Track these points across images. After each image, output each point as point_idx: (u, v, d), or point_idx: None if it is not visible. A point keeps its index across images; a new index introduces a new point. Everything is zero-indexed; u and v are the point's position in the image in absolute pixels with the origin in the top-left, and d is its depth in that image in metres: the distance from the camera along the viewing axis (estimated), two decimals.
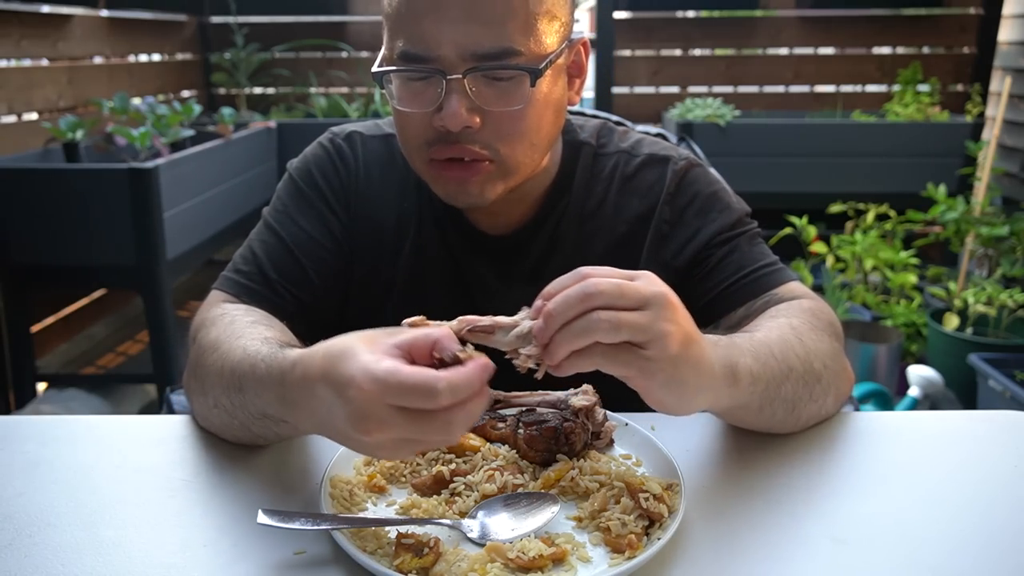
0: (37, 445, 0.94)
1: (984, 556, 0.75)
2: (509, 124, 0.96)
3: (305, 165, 1.15)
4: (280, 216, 1.11)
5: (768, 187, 3.84)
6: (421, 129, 0.97)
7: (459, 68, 0.92)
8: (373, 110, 4.23)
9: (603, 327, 0.69)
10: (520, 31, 0.92)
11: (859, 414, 1.02)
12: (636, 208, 1.12)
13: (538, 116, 0.98)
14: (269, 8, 4.57)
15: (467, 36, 0.91)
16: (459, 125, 0.93)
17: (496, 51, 0.92)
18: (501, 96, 0.94)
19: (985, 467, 0.92)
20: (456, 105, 0.92)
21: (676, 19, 4.59)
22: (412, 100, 0.96)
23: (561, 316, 0.70)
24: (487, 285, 1.12)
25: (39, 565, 0.73)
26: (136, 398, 3.05)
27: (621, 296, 0.71)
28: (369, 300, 1.13)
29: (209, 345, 0.92)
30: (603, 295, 0.70)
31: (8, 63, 2.93)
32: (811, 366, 0.92)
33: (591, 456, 0.88)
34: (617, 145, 1.16)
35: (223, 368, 0.87)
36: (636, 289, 0.72)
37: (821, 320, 1.00)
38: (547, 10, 0.94)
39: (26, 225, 2.61)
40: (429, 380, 0.64)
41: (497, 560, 0.71)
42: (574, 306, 0.70)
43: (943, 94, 4.30)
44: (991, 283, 3.21)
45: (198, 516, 0.82)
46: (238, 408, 0.86)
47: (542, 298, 0.74)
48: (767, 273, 1.07)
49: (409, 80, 0.95)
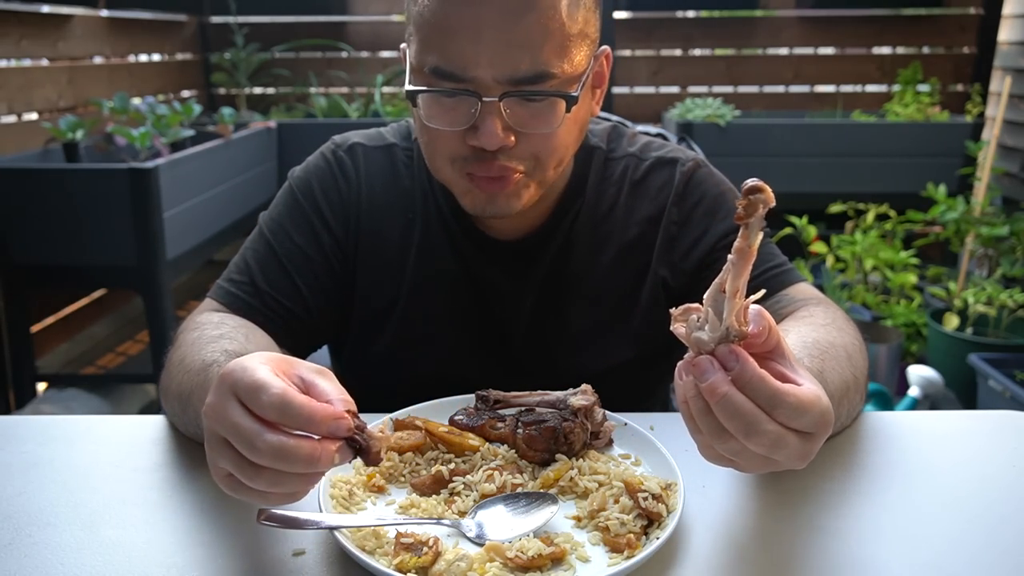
0: (37, 445, 0.94)
1: (984, 555, 0.75)
2: (541, 142, 0.96)
3: (306, 176, 1.14)
4: (275, 227, 1.11)
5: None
6: (453, 146, 0.96)
7: (495, 91, 0.91)
8: (373, 110, 4.23)
9: (765, 443, 0.64)
10: (555, 53, 0.92)
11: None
12: (646, 211, 1.12)
13: (568, 133, 0.98)
14: (269, 8, 4.57)
15: (504, 59, 0.90)
16: (496, 146, 0.93)
17: (532, 75, 0.91)
18: (535, 117, 0.94)
19: (985, 467, 0.92)
20: (493, 127, 0.92)
21: (676, 19, 4.59)
22: (443, 117, 0.95)
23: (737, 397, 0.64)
24: (499, 290, 1.12)
25: (39, 565, 0.73)
26: (136, 398, 3.06)
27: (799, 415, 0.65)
28: (372, 312, 1.13)
29: (175, 360, 0.95)
30: (786, 409, 0.64)
31: (8, 63, 2.93)
32: (858, 383, 0.93)
33: (590, 456, 0.88)
34: (626, 149, 1.16)
35: (181, 383, 0.91)
36: (806, 409, 0.65)
37: (846, 322, 1.00)
38: (580, 30, 0.94)
39: (26, 225, 2.61)
40: (254, 430, 0.62)
41: (496, 559, 0.71)
42: (752, 404, 0.64)
43: (943, 94, 4.30)
44: (991, 283, 3.21)
45: (198, 516, 0.82)
46: (190, 424, 0.91)
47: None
48: (776, 274, 1.08)
49: (441, 96, 0.94)
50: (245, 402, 0.64)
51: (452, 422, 0.93)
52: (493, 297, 1.12)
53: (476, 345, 1.13)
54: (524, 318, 1.12)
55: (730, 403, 0.64)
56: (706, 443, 0.68)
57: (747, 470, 0.71)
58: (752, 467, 0.69)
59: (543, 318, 1.12)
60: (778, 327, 0.97)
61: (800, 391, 0.65)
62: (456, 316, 1.13)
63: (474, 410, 0.94)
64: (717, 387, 0.64)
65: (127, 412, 2.93)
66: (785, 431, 0.64)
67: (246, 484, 0.65)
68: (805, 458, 0.67)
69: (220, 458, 0.65)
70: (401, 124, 1.20)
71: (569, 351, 1.12)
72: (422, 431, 0.90)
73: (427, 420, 0.92)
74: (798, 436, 0.65)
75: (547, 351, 1.12)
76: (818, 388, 0.67)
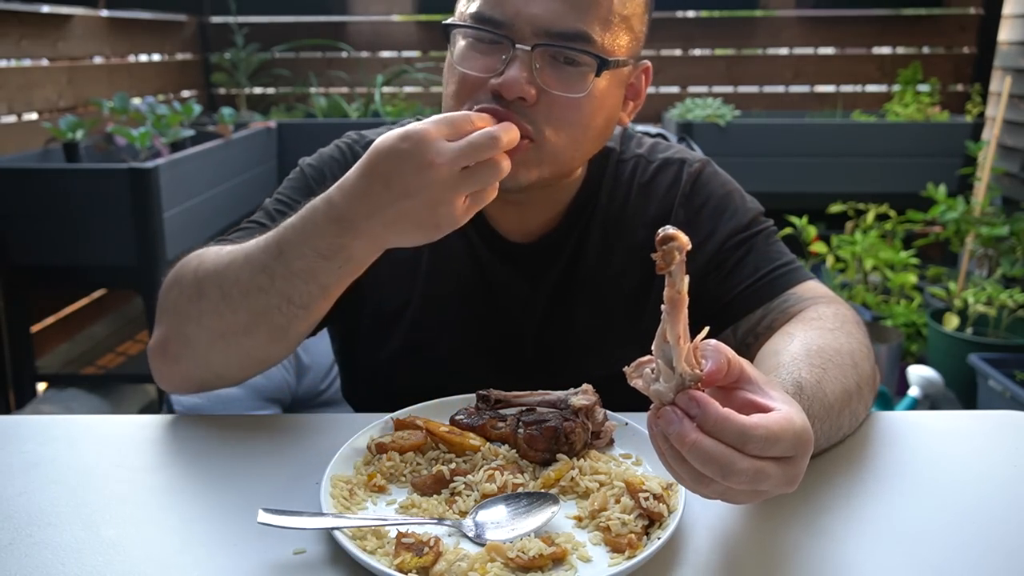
0: (37, 445, 0.94)
1: (984, 555, 0.75)
2: (561, 109, 0.94)
3: (320, 163, 1.13)
4: (280, 206, 1.09)
5: (768, 187, 3.79)
6: (473, 90, 0.95)
7: (530, 40, 0.92)
8: (373, 110, 4.23)
9: (744, 480, 0.64)
10: (598, 23, 0.93)
11: None
12: (653, 212, 1.12)
13: (591, 112, 0.97)
14: (269, 8, 4.57)
15: (547, 11, 0.91)
16: (515, 93, 0.92)
17: (571, 32, 0.92)
18: (562, 80, 0.93)
19: (985, 467, 0.92)
20: (517, 72, 0.91)
21: (676, 19, 4.59)
22: (474, 61, 0.95)
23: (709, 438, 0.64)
24: (512, 293, 1.11)
25: (39, 565, 0.73)
26: (136, 398, 3.05)
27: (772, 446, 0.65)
28: (383, 315, 1.12)
29: (221, 258, 0.94)
30: (757, 442, 0.64)
31: (8, 63, 2.93)
32: (861, 391, 0.92)
33: (591, 456, 0.88)
34: (634, 150, 1.16)
35: (249, 255, 0.91)
36: (781, 438, 0.65)
37: (855, 325, 1.00)
38: (627, 16, 0.95)
39: (26, 225, 2.60)
40: (483, 134, 0.83)
41: (497, 559, 0.71)
42: (727, 437, 0.64)
43: (943, 94, 4.30)
44: (991, 283, 3.21)
45: (198, 516, 0.82)
46: (277, 280, 0.89)
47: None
48: (784, 273, 1.07)
49: (476, 41, 0.95)
50: (450, 134, 0.83)
51: (453, 422, 0.93)
52: (505, 300, 1.11)
53: (487, 348, 1.12)
54: (536, 321, 1.12)
55: (700, 449, 0.63)
56: (691, 488, 0.68)
57: (738, 503, 0.71)
58: (741, 501, 0.69)
59: (554, 321, 1.11)
60: (785, 331, 0.97)
61: (769, 420, 0.65)
62: (468, 319, 1.12)
63: (475, 410, 0.94)
64: (685, 436, 0.64)
65: (127, 412, 2.93)
66: (762, 463, 0.64)
67: (492, 180, 0.85)
68: (792, 482, 0.67)
69: (466, 185, 0.84)
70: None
71: (579, 354, 1.11)
72: (423, 431, 0.90)
73: (428, 420, 0.92)
74: (777, 464, 0.65)
75: (557, 354, 1.12)
76: (791, 408, 0.67)
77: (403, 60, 4.59)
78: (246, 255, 0.92)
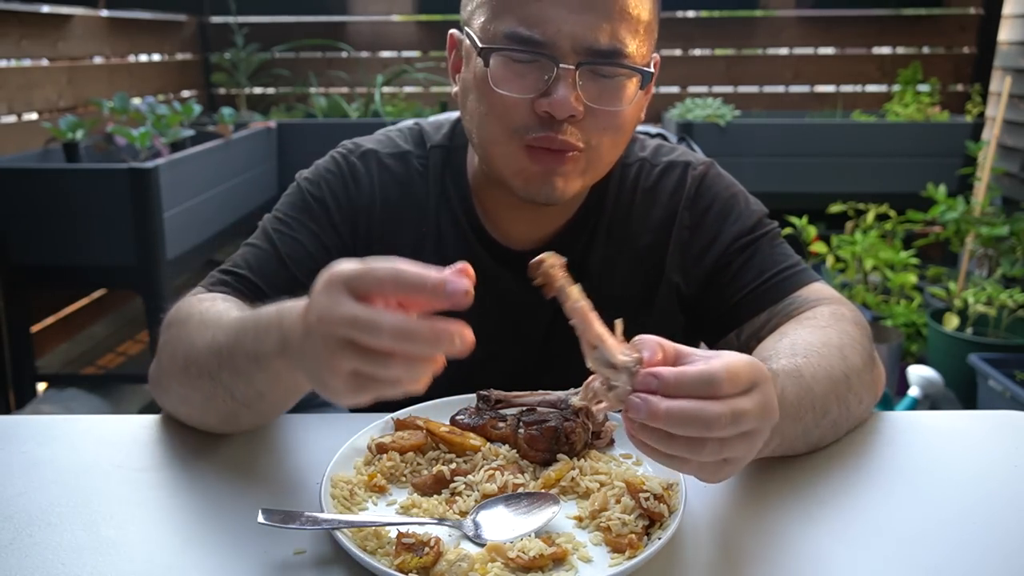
0: (37, 445, 0.94)
1: (984, 556, 0.75)
2: (606, 120, 0.95)
3: (316, 177, 1.12)
4: (279, 225, 1.08)
5: (768, 187, 3.78)
6: (518, 114, 0.94)
7: (572, 59, 0.91)
8: (373, 110, 4.23)
9: (726, 423, 0.65)
10: (630, 34, 0.93)
11: None
12: (658, 216, 1.11)
13: (629, 117, 0.98)
14: (269, 8, 4.57)
15: (586, 28, 0.91)
16: (567, 112, 0.92)
17: (609, 49, 0.92)
18: (603, 93, 0.94)
19: (985, 467, 0.92)
20: (566, 92, 0.91)
21: (676, 19, 4.59)
22: (514, 82, 0.93)
23: (677, 394, 0.65)
24: (517, 300, 1.10)
25: (39, 565, 0.72)
26: (136, 398, 3.05)
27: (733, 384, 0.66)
28: None
29: (186, 332, 0.91)
30: (720, 382, 0.65)
31: (8, 63, 2.93)
32: (849, 381, 0.91)
33: (591, 456, 0.88)
34: (637, 154, 1.15)
35: (213, 334, 0.86)
36: (741, 375, 0.67)
37: (851, 324, 0.99)
38: (649, 23, 0.96)
39: (26, 225, 2.61)
40: (373, 313, 0.62)
41: (498, 560, 0.71)
42: (696, 390, 0.65)
43: (943, 94, 4.30)
44: (991, 283, 3.21)
45: (198, 516, 0.82)
46: (224, 371, 0.84)
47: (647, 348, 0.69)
48: (788, 276, 1.07)
49: (513, 62, 0.94)
50: (357, 287, 0.63)
51: (453, 422, 0.93)
52: (513, 307, 1.10)
53: (492, 356, 1.12)
54: (541, 328, 1.11)
55: (675, 412, 0.64)
56: (697, 468, 0.69)
57: (746, 460, 0.71)
58: (744, 453, 0.69)
59: (560, 327, 1.11)
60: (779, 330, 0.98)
61: (719, 360, 0.67)
62: (473, 327, 1.11)
63: (475, 410, 0.94)
64: (656, 409, 0.64)
65: (127, 412, 2.93)
66: (734, 399, 0.66)
67: (377, 375, 0.63)
68: (771, 410, 0.69)
69: (342, 359, 0.63)
70: (413, 129, 1.17)
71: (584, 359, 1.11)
72: (423, 431, 0.90)
73: (428, 420, 0.92)
74: (748, 396, 0.67)
75: (562, 360, 1.11)
76: (732, 352, 0.69)
77: (403, 60, 4.59)
78: (213, 332, 0.87)
